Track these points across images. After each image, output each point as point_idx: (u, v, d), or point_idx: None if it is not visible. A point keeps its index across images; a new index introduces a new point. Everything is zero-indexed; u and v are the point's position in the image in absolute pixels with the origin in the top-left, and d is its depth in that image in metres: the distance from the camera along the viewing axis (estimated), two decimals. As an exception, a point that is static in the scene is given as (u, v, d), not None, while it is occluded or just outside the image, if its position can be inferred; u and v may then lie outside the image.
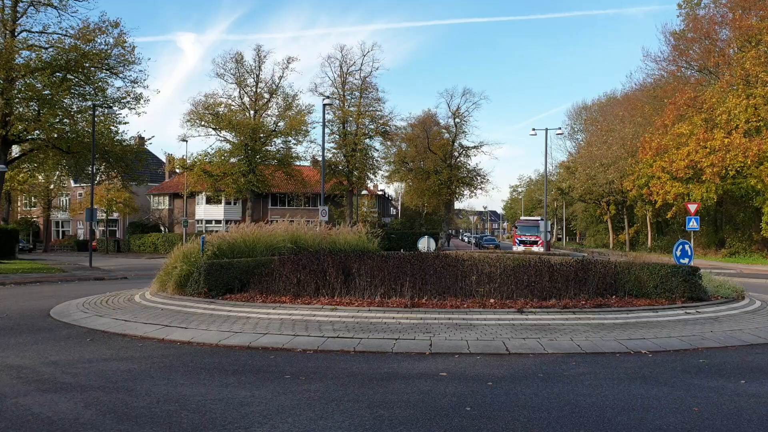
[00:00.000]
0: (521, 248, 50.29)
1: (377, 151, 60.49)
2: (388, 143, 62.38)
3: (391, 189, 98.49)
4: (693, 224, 22.24)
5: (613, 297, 13.12)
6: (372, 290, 12.92)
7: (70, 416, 6.08)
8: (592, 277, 13.39)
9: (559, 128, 55.64)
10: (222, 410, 6.23)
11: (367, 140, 57.37)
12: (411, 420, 5.96)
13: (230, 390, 7.07)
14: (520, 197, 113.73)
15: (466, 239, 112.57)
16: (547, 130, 52.27)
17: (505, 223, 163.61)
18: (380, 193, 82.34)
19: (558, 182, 78.57)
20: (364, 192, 65.72)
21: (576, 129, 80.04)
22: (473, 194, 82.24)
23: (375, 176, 63.42)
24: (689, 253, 16.29)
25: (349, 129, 56.35)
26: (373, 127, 57.15)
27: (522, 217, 73.65)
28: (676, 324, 11.42)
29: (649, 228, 61.25)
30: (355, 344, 9.59)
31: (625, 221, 67.47)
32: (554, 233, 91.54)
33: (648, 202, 49.31)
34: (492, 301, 12.47)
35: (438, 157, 63.92)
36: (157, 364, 8.61)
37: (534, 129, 51.13)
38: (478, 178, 66.15)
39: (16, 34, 34.34)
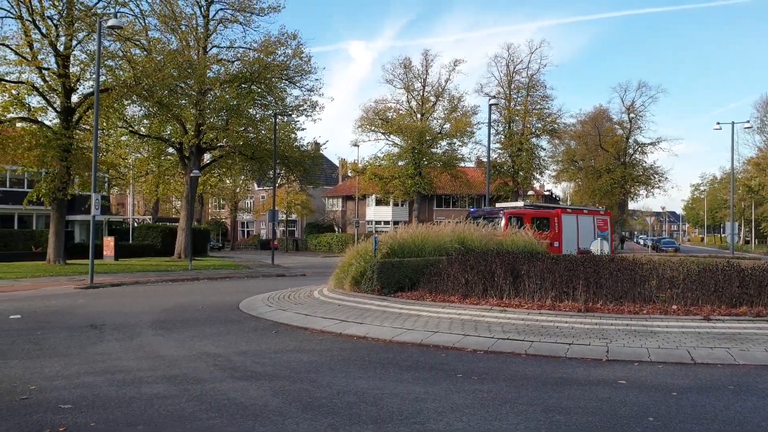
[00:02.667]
0: None
1: (544, 150, 59.11)
2: (556, 141, 60.69)
3: (559, 189, 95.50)
4: None
5: (819, 307, 11.76)
6: (542, 293, 12.64)
7: (260, 402, 6.58)
8: (793, 284, 12.09)
9: (747, 121, 50.65)
10: (398, 405, 6.44)
11: (534, 139, 56.21)
12: (589, 427, 5.78)
13: (405, 385, 7.28)
14: (703, 196, 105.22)
15: (641, 242, 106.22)
16: (733, 123, 47.71)
17: (685, 225, 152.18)
18: (547, 193, 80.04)
19: (746, 180, 71.63)
20: (530, 192, 64.37)
21: (767, 122, 72.52)
22: (649, 194, 77.30)
23: (542, 176, 62.00)
24: None
25: (515, 128, 55.55)
26: (540, 125, 55.91)
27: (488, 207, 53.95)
28: None
29: None
30: (527, 347, 9.46)
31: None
32: (741, 236, 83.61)
33: None
34: (674, 307, 11.70)
35: (610, 155, 61.04)
36: (336, 357, 9.08)
37: (719, 123, 47.00)
38: (656, 176, 62.29)
39: (207, 50, 37.78)
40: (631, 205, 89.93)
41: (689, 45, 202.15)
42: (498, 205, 30.79)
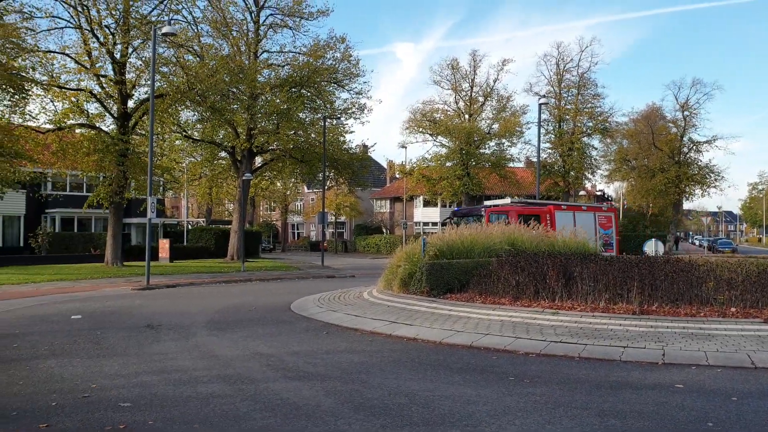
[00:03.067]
0: None
1: (596, 149, 57.90)
2: (608, 140, 59.41)
3: (611, 189, 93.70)
4: None
5: None
6: (595, 295, 12.43)
7: (313, 403, 6.66)
8: None
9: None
10: (449, 407, 6.43)
11: (585, 138, 55.22)
12: (645, 432, 5.67)
13: (456, 388, 7.26)
14: (761, 195, 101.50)
15: (697, 242, 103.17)
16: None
17: (743, 225, 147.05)
18: (599, 193, 78.60)
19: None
20: (581, 192, 63.26)
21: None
22: (705, 193, 74.92)
23: (593, 176, 60.76)
24: None
25: (565, 128, 54.68)
26: (591, 124, 54.89)
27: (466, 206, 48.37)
28: None
29: None
30: (580, 350, 9.32)
31: None
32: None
33: None
34: (733, 309, 11.35)
35: (664, 154, 59.39)
36: (386, 358, 9.12)
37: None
38: (711, 175, 60.22)
39: (258, 55, 38.39)
40: (686, 205, 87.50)
41: (745, 40, 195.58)
42: (486, 203, 28.66)
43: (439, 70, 56.10)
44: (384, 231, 68.31)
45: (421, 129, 53.79)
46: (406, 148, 56.27)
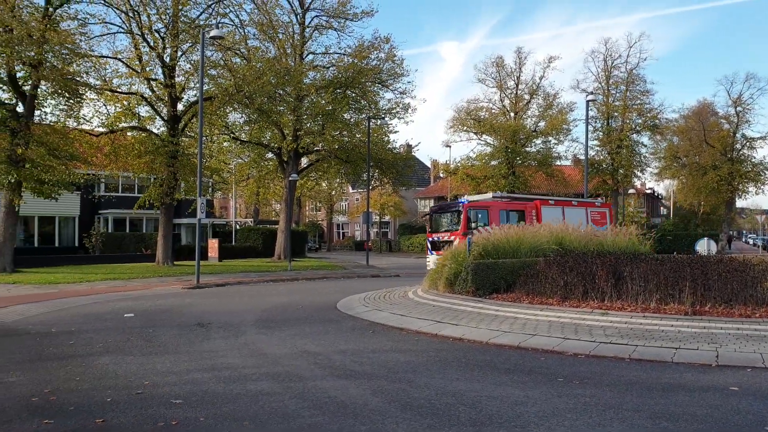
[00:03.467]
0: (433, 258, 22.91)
1: (645, 146, 56.66)
2: (658, 138, 58.09)
3: (661, 187, 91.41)
4: None
5: None
6: (646, 295, 12.18)
7: (360, 401, 6.70)
8: None
9: None
10: (497, 408, 6.39)
11: (634, 135, 54.08)
12: (699, 436, 5.54)
13: (504, 388, 7.22)
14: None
15: (751, 241, 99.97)
16: None
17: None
18: (648, 191, 76.94)
19: None
20: (630, 191, 61.96)
21: None
22: (759, 191, 72.49)
23: (642, 174, 59.48)
24: None
25: (613, 125, 53.68)
26: (640, 121, 53.73)
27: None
28: None
29: None
30: (630, 351, 9.15)
31: None
32: None
33: None
34: (792, 311, 10.97)
35: (716, 151, 57.75)
36: (432, 358, 9.11)
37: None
38: (766, 172, 58.37)
39: (303, 56, 38.79)
40: (740, 203, 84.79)
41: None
42: (467, 198, 26.67)
43: (483, 68, 55.84)
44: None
45: (465, 128, 53.51)
46: (450, 147, 56.24)
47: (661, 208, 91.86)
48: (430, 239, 25.58)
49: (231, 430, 5.80)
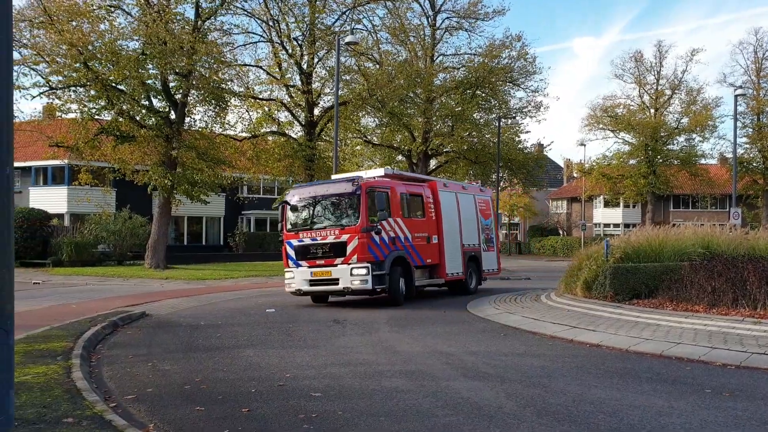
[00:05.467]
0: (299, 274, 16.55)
1: (801, 143, 51.87)
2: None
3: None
4: None
5: None
6: (807, 305, 11.17)
7: (494, 404, 6.64)
8: None
9: None
10: (639, 417, 6.12)
11: (789, 132, 49.70)
12: None
13: (645, 398, 6.89)
14: None
15: None
16: None
17: None
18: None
19: None
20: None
21: None
22: None
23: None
24: None
25: (765, 121, 49.59)
26: (796, 116, 49.32)
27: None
28: None
29: None
30: (789, 365, 8.42)
31: None
32: None
33: None
34: None
35: None
36: (567, 363, 8.86)
37: None
38: None
39: (434, 59, 39.03)
40: None
41: None
42: (335, 176, 19.54)
43: (621, 63, 53.89)
44: (560, 233, 66.25)
45: (601, 125, 51.71)
46: (584, 145, 54.28)
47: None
48: (293, 243, 16.68)
49: (368, 424, 5.95)
